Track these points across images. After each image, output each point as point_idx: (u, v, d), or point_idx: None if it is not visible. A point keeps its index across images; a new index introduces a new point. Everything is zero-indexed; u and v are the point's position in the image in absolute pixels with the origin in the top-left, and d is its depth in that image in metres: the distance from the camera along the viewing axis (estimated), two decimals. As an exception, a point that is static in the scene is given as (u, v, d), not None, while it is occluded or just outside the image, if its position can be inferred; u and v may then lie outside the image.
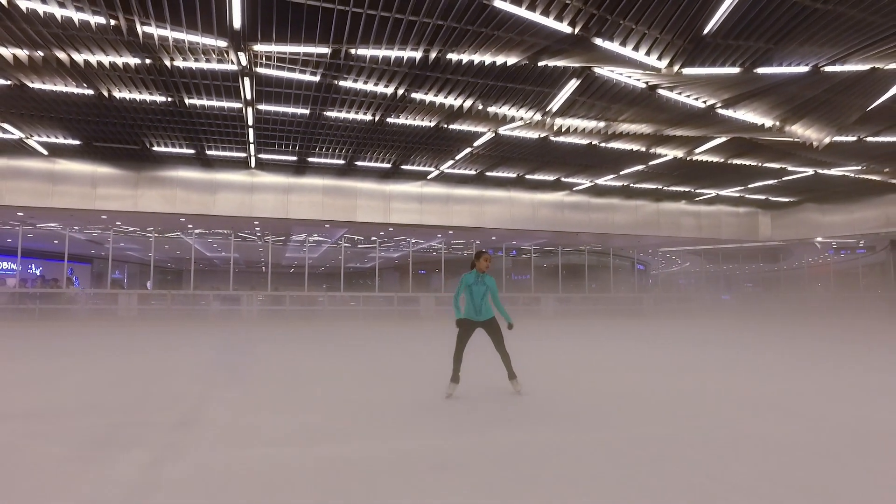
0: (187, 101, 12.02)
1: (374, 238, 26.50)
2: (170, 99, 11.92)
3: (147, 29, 8.52)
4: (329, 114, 12.90)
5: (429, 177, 20.01)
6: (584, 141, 14.72)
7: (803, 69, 9.69)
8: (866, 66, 10.00)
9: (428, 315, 22.28)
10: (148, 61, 9.84)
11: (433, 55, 9.41)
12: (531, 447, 3.91)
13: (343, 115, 12.93)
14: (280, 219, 19.41)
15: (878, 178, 20.09)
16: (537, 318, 22.30)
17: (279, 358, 9.29)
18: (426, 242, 29.94)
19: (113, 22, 8.36)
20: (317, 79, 10.67)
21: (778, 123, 12.37)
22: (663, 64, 8.56)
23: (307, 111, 12.74)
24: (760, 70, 9.39)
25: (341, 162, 17.90)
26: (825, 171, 19.34)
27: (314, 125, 13.91)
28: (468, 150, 15.94)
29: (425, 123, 13.43)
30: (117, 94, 11.59)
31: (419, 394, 6.00)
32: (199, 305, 21.32)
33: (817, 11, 7.97)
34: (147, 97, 11.79)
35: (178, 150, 16.49)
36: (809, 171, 19.50)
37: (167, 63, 9.84)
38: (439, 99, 11.63)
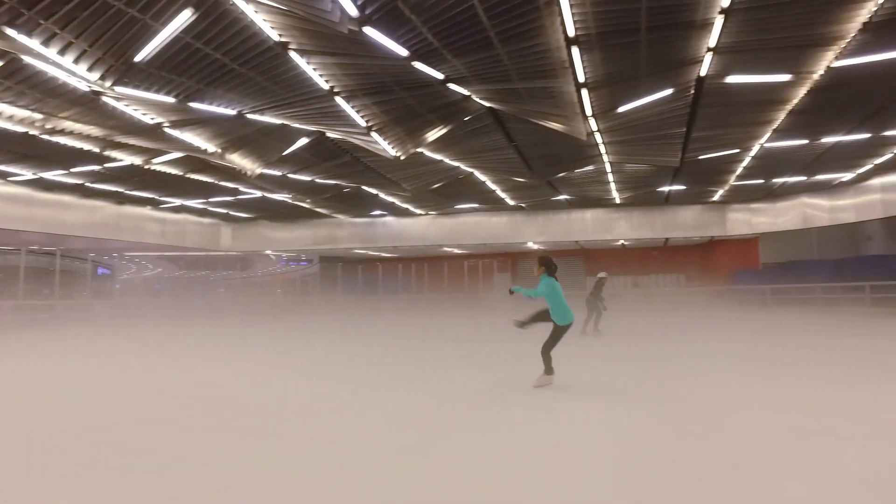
0: None
1: None
2: None
3: None
4: None
5: None
6: (20, 129, 13.16)
7: (231, 112, 11.70)
8: (279, 121, 12.88)
9: None
10: None
11: None
12: None
13: None
14: None
15: (306, 205, 25.35)
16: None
17: None
18: None
19: None
20: None
21: (220, 150, 14.29)
22: (94, 76, 8.87)
23: None
24: (194, 104, 10.85)
25: None
26: (270, 195, 23.07)
27: None
28: None
29: None
30: None
31: None
32: None
33: (235, 71, 9.92)
34: None
35: None
36: (258, 194, 22.85)
37: None
38: None
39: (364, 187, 21.10)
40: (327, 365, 9.00)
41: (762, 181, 22.60)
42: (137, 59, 8.58)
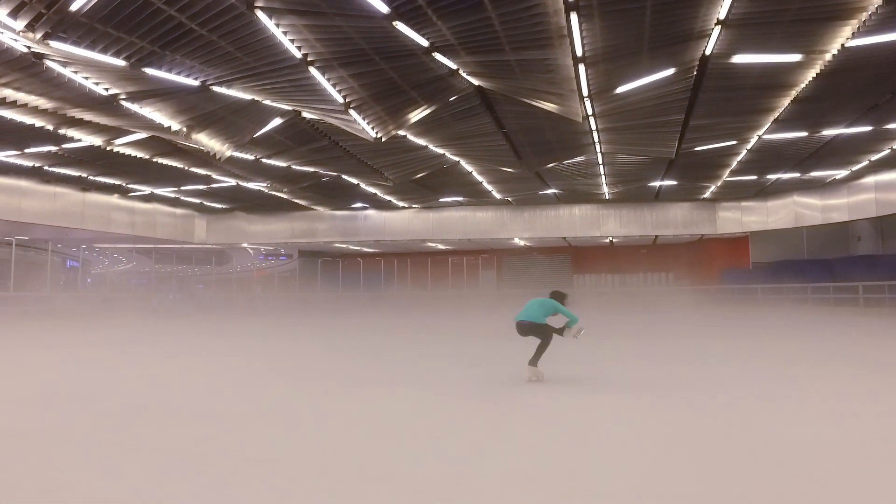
0: None
1: None
2: None
3: None
4: None
5: None
6: (-42, 100, 11.92)
7: (194, 82, 10.58)
8: (249, 96, 11.78)
9: None
10: None
11: None
12: None
13: None
14: None
15: (284, 195, 24.16)
16: None
17: None
18: None
19: None
20: None
21: (185, 129, 13.14)
22: (20, 25, 7.70)
23: None
24: (150, 71, 9.72)
25: None
26: (245, 184, 21.85)
27: None
28: None
29: None
30: None
31: None
32: None
33: (194, 32, 8.82)
34: None
35: None
36: (233, 182, 21.61)
37: None
38: None
39: (344, 176, 20.02)
40: (296, 363, 7.97)
41: (755, 177, 21.97)
42: (73, 7, 7.45)
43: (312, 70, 10.17)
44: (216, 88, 11.06)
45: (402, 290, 32.51)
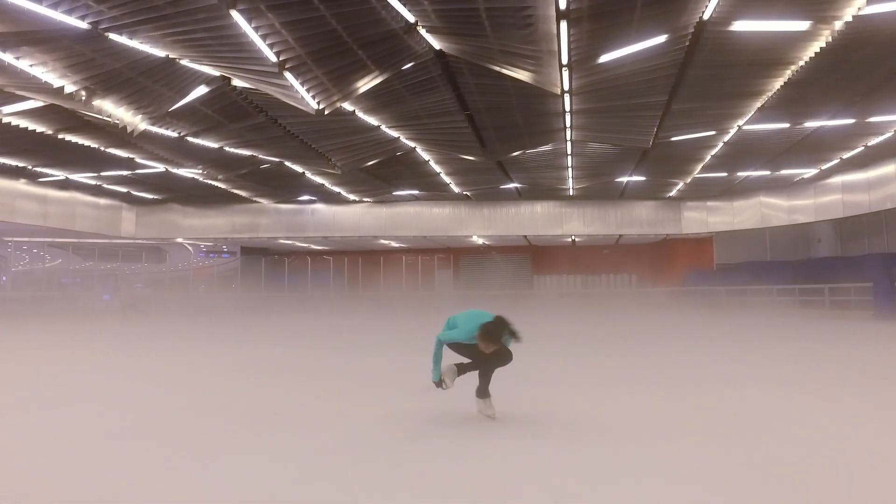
0: None
1: None
2: None
3: None
4: None
5: None
6: None
7: (81, 23, 8.39)
8: (160, 53, 9.63)
9: None
10: None
11: None
12: None
13: None
14: None
15: (221, 185, 21.70)
16: None
17: None
18: None
19: None
20: None
21: (83, 93, 10.80)
22: None
23: None
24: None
25: None
26: (175, 171, 19.35)
27: None
28: None
29: None
30: None
31: None
32: None
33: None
34: None
35: None
36: (161, 168, 19.09)
37: None
38: None
39: (287, 163, 17.87)
40: (155, 394, 5.96)
41: (725, 174, 21.02)
42: None
43: (235, 14, 8.15)
44: (114, 37, 8.88)
45: (352, 290, 30.41)
